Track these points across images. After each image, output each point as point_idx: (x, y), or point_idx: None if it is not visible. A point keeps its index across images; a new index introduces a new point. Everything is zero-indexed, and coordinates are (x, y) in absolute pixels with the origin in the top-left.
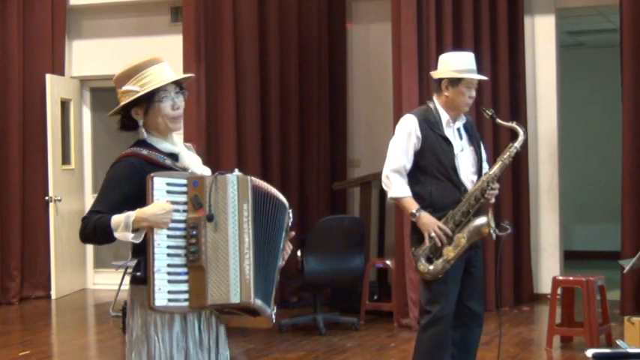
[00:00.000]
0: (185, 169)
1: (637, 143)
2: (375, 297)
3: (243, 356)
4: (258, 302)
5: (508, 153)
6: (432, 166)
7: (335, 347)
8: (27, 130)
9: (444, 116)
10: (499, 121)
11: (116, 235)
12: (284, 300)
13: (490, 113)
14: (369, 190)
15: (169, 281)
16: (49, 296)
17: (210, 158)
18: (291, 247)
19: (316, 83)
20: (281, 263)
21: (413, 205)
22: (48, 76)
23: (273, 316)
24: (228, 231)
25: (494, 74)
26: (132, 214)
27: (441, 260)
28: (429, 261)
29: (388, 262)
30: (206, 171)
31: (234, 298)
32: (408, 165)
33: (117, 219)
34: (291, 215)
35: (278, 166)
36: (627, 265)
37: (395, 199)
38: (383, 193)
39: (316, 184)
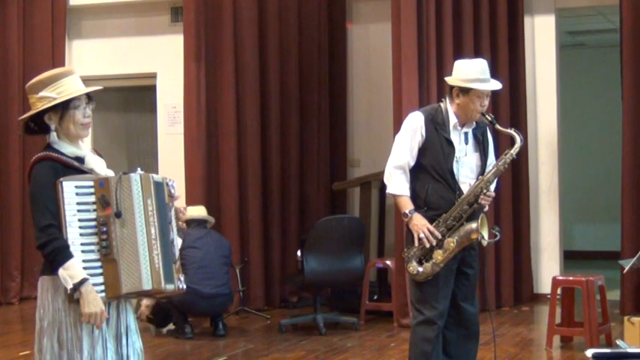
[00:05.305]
0: (91, 171)
1: (637, 143)
2: (375, 297)
3: (243, 356)
4: (169, 287)
5: (504, 160)
6: (430, 166)
7: (335, 347)
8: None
9: (452, 119)
10: (498, 126)
11: (60, 271)
12: (284, 300)
13: (490, 118)
14: (369, 190)
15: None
16: None
17: (210, 158)
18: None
19: (316, 83)
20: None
21: (407, 206)
22: None
23: (183, 286)
24: (135, 225)
25: (494, 74)
26: (88, 284)
27: (430, 263)
28: (420, 263)
29: (388, 262)
30: (110, 173)
31: (147, 285)
32: (412, 162)
33: (73, 265)
34: (168, 183)
35: (278, 166)
36: (627, 265)
37: (392, 195)
38: (383, 194)
39: (316, 184)
